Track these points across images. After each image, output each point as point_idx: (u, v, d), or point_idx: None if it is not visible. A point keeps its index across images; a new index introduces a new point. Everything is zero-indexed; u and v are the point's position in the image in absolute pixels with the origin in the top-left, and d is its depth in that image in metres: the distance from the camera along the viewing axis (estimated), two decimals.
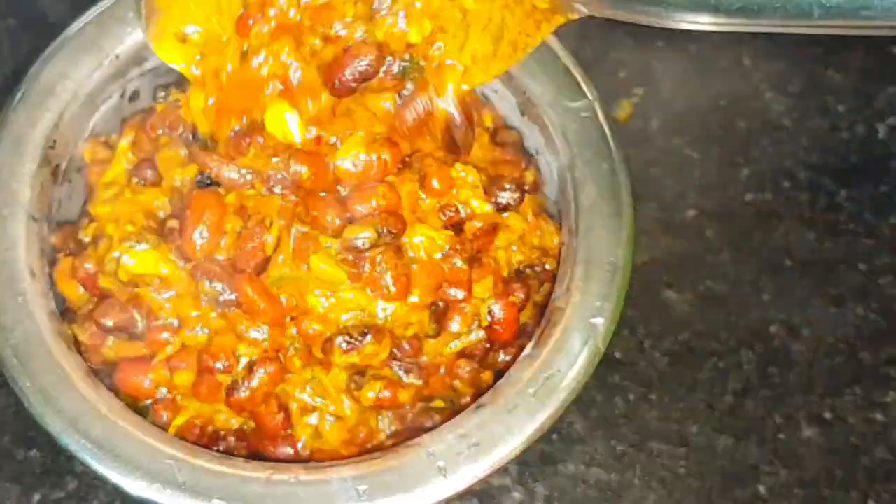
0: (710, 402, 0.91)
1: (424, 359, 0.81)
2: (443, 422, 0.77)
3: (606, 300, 0.78)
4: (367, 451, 0.79)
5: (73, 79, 0.84)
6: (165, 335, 0.79)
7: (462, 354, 0.83)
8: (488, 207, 0.83)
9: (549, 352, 0.76)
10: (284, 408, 0.80)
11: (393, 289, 0.77)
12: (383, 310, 0.78)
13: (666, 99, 1.04)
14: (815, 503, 0.88)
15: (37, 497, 0.86)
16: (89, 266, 0.80)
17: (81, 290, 0.82)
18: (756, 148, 1.02)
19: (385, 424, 0.81)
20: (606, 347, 0.77)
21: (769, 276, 0.96)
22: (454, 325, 0.81)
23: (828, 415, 0.91)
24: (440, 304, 0.81)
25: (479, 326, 0.82)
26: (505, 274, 0.83)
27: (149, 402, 0.80)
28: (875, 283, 0.97)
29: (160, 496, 0.71)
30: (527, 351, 0.78)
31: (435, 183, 0.81)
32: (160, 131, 0.85)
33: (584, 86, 0.86)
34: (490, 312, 0.82)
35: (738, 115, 1.04)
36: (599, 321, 0.77)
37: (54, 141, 0.82)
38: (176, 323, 0.79)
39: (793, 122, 1.04)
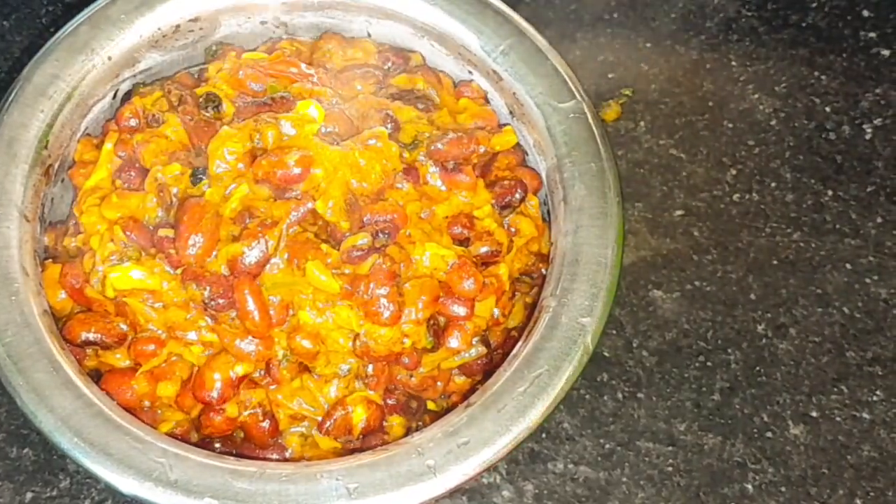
0: (697, 401, 0.92)
1: (422, 370, 0.82)
2: (432, 421, 0.78)
3: (595, 300, 0.78)
4: (357, 449, 0.79)
5: (66, 80, 0.84)
6: (152, 347, 0.79)
7: (461, 369, 0.83)
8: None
9: (537, 351, 0.76)
10: (269, 416, 0.80)
11: (386, 315, 0.78)
12: (377, 335, 0.79)
13: (654, 100, 1.05)
14: (801, 501, 0.88)
15: (29, 495, 0.86)
16: (75, 281, 0.80)
17: (63, 296, 0.82)
18: (743, 148, 1.03)
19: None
20: (595, 346, 0.77)
21: (756, 275, 0.97)
22: (453, 342, 0.81)
23: (814, 413, 0.92)
24: (440, 319, 0.82)
25: (480, 343, 0.82)
26: (507, 289, 0.84)
27: None
28: (861, 283, 0.97)
29: (152, 494, 0.71)
30: (516, 350, 0.78)
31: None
32: (132, 121, 0.85)
33: (572, 87, 0.86)
34: None
35: (725, 116, 1.04)
36: (588, 321, 0.77)
37: (47, 142, 0.82)
38: (163, 335, 0.80)
39: (779, 122, 1.04)
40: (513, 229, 0.85)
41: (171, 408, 0.80)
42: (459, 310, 0.81)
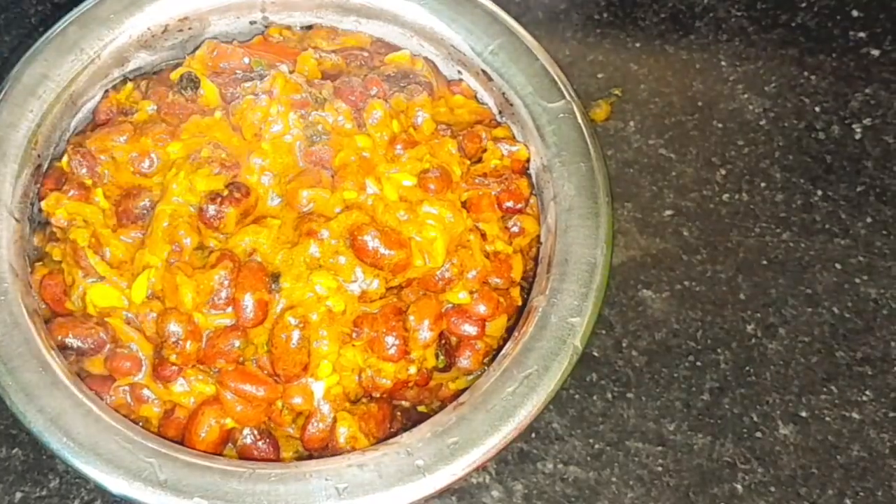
0: (686, 401, 0.92)
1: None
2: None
3: (584, 300, 0.78)
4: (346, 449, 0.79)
5: (55, 80, 0.84)
6: (127, 364, 0.78)
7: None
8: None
9: (527, 351, 0.76)
10: (267, 434, 0.79)
11: (392, 351, 0.77)
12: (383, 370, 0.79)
13: (643, 100, 1.05)
14: (791, 501, 0.89)
15: (19, 495, 0.86)
16: (55, 293, 0.80)
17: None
18: (732, 148, 1.03)
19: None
20: (584, 346, 0.77)
21: (745, 275, 0.97)
22: (464, 361, 0.81)
23: (804, 413, 0.92)
24: (451, 338, 0.82)
25: (492, 361, 0.82)
26: (519, 303, 0.84)
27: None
28: (850, 283, 0.97)
29: (141, 494, 0.71)
30: (505, 350, 0.78)
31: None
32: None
33: (562, 87, 0.86)
34: None
35: (715, 116, 1.04)
36: (577, 320, 0.77)
37: (36, 141, 0.82)
38: (144, 359, 0.79)
39: (769, 122, 1.04)
40: (517, 227, 0.85)
41: (151, 424, 0.80)
42: (470, 329, 0.81)
